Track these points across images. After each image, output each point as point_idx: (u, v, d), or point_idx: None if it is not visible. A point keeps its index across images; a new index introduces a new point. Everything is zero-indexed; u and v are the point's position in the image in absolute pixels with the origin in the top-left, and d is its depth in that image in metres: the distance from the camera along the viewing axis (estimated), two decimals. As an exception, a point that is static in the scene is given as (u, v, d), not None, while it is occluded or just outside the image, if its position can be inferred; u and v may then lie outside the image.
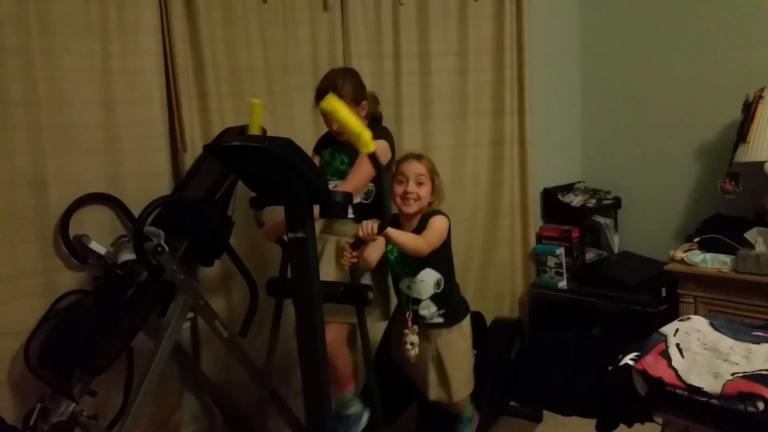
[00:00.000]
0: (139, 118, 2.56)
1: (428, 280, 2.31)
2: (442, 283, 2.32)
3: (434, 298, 2.32)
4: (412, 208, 2.24)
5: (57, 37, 2.37)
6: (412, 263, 2.30)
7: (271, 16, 2.84)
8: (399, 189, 2.24)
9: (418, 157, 2.29)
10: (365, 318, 2.22)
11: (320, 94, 2.29)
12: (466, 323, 2.42)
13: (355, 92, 2.33)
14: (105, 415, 2.42)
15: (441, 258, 2.30)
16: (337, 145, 2.39)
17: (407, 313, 2.32)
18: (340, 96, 2.19)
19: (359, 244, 2.09)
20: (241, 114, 2.78)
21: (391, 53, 3.15)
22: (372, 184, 2.30)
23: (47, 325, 2.29)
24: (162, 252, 2.20)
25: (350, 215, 2.29)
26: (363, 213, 2.26)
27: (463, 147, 3.32)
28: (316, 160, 2.44)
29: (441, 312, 2.33)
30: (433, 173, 2.28)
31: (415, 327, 2.29)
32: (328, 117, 2.23)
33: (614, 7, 3.55)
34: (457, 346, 2.38)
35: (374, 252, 2.24)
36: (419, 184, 2.24)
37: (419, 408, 2.72)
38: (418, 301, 2.33)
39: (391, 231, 2.08)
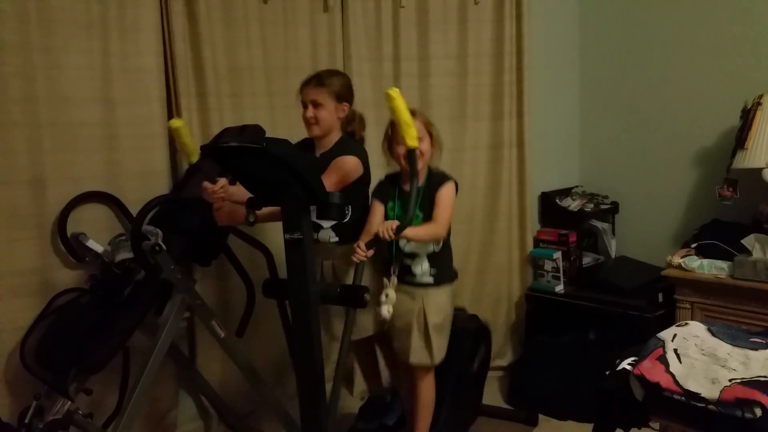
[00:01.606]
0: (138, 117, 2.57)
1: None
2: (441, 242, 2.35)
3: (430, 256, 2.34)
4: (418, 165, 2.21)
5: (57, 35, 2.37)
6: (417, 220, 2.29)
7: (271, 16, 2.85)
8: (401, 149, 2.23)
9: (413, 114, 2.22)
10: (353, 320, 2.22)
11: (306, 82, 2.34)
12: (453, 287, 2.43)
13: (340, 90, 2.34)
14: (100, 413, 2.42)
15: None
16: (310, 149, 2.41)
17: (392, 266, 2.31)
18: (324, 86, 2.29)
19: (373, 243, 2.15)
20: (241, 114, 2.79)
21: (390, 55, 3.16)
22: (348, 207, 2.29)
23: (44, 323, 2.29)
24: (159, 251, 2.20)
25: (333, 239, 2.33)
26: (342, 232, 2.32)
27: (462, 150, 3.32)
28: None
29: (433, 272, 2.35)
30: (428, 126, 2.33)
31: (395, 279, 2.29)
32: (306, 104, 2.30)
33: (613, 12, 3.56)
34: (441, 308, 2.38)
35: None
36: (419, 139, 2.21)
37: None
38: (412, 256, 2.33)
39: (408, 230, 2.13)
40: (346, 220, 2.30)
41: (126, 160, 2.55)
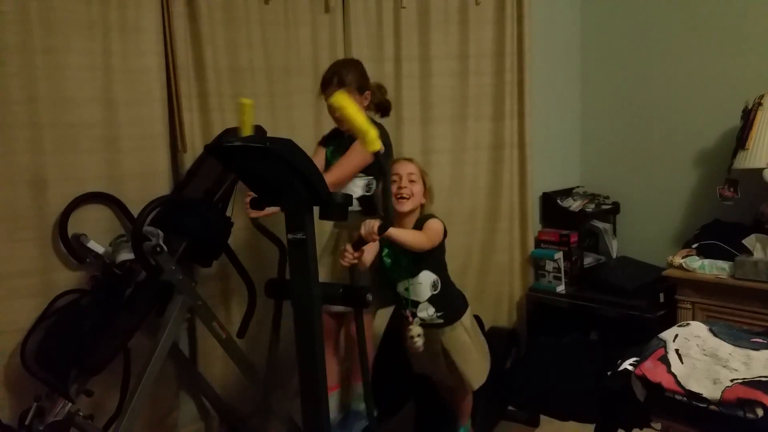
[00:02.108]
0: (139, 118, 2.56)
1: (425, 282, 2.33)
2: (439, 285, 2.35)
3: (432, 300, 2.34)
4: (406, 206, 2.30)
5: (58, 35, 2.37)
6: (409, 266, 2.33)
7: (272, 17, 2.84)
8: (393, 188, 2.29)
9: (409, 159, 2.41)
10: (363, 320, 2.22)
11: (325, 83, 2.37)
12: (466, 317, 2.43)
13: (360, 82, 2.38)
14: (101, 415, 2.42)
15: (437, 260, 2.35)
16: (338, 140, 2.41)
17: (407, 311, 2.35)
18: (345, 85, 2.30)
19: (361, 244, 2.10)
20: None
21: (392, 56, 3.16)
22: (372, 177, 2.37)
23: (44, 324, 2.29)
24: (160, 252, 2.20)
25: (356, 208, 2.32)
26: (367, 205, 2.33)
27: (463, 150, 3.32)
28: (321, 153, 2.48)
29: (440, 314, 2.35)
30: (423, 173, 2.38)
31: (417, 319, 2.33)
32: (333, 111, 2.28)
33: (614, 12, 3.56)
34: (461, 341, 2.40)
35: (368, 254, 2.27)
36: (411, 181, 2.31)
37: (416, 412, 2.71)
38: (416, 304, 2.34)
39: (392, 230, 2.10)
40: (370, 193, 2.34)
41: (127, 160, 2.55)
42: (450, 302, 2.39)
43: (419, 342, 2.31)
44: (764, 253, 2.62)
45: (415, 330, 2.31)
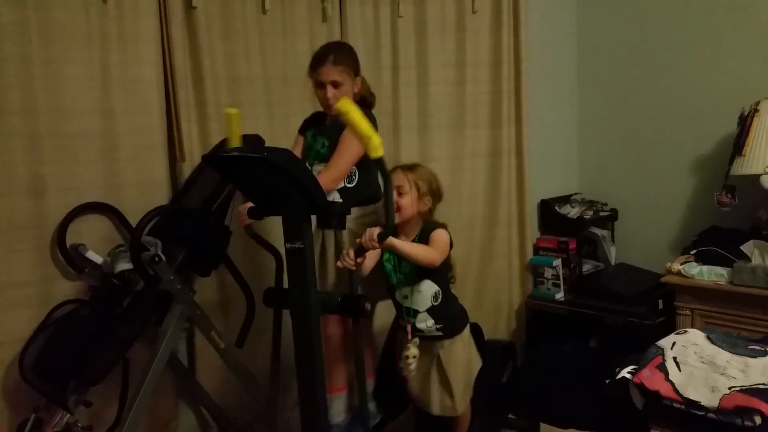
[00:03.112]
0: (137, 128, 2.57)
1: (426, 292, 2.31)
2: (440, 296, 2.32)
3: (431, 311, 2.32)
4: (395, 218, 2.20)
5: (57, 46, 2.38)
6: (411, 273, 2.30)
7: (270, 27, 2.86)
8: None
9: (404, 168, 2.32)
10: (361, 330, 2.22)
11: (319, 60, 2.35)
12: (466, 333, 2.41)
13: (354, 63, 2.39)
14: (100, 425, 2.41)
15: (439, 271, 2.31)
16: (318, 126, 2.41)
17: (407, 326, 2.32)
18: (341, 64, 2.30)
19: (362, 251, 2.09)
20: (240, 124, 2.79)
21: (389, 65, 3.17)
22: (354, 168, 2.33)
23: (43, 335, 2.28)
24: (159, 262, 2.20)
25: (338, 199, 2.31)
26: (348, 197, 2.30)
27: (461, 158, 3.32)
28: (300, 141, 2.48)
29: (439, 326, 2.33)
30: (418, 181, 2.29)
31: (416, 339, 2.29)
32: (324, 84, 2.30)
33: (611, 19, 3.57)
34: (459, 357, 2.37)
35: (368, 261, 2.26)
36: (399, 194, 2.26)
37: (416, 420, 2.71)
38: (415, 313, 2.32)
39: (396, 241, 2.10)
40: (352, 185, 2.32)
41: (125, 170, 2.55)
42: (450, 315, 2.36)
43: (413, 365, 2.27)
44: (762, 259, 2.62)
45: (412, 351, 2.27)
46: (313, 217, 2.02)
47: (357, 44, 3.05)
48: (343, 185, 2.33)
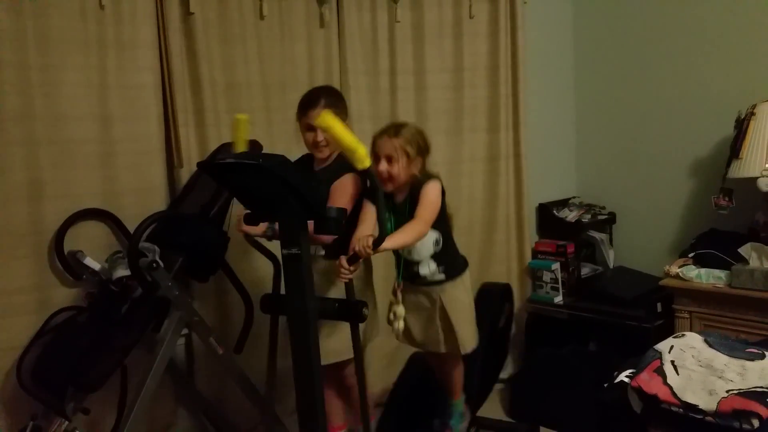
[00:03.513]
0: (135, 134, 2.57)
1: (427, 240, 2.26)
2: (441, 241, 2.30)
3: (434, 256, 2.30)
4: (389, 187, 2.20)
5: (54, 52, 2.38)
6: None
7: (268, 32, 2.86)
8: (374, 166, 2.13)
9: (389, 133, 2.21)
10: (359, 336, 2.21)
11: (307, 103, 2.30)
12: (466, 276, 2.40)
13: (344, 110, 2.32)
14: (98, 432, 2.41)
15: (437, 219, 2.24)
16: (308, 169, 2.39)
17: (397, 282, 2.30)
18: (331, 107, 2.20)
19: (355, 259, 2.06)
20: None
21: (387, 69, 3.17)
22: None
23: (41, 342, 2.28)
24: (157, 268, 2.20)
25: (320, 252, 2.31)
26: (331, 248, 2.25)
27: (459, 162, 3.33)
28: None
29: (441, 268, 2.31)
30: (406, 146, 2.19)
31: (400, 296, 2.28)
32: (313, 127, 2.24)
33: (608, 24, 3.58)
34: (461, 300, 2.35)
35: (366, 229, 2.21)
36: (389, 162, 2.18)
37: (411, 402, 2.71)
38: (417, 262, 2.30)
39: (389, 243, 2.05)
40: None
41: (123, 176, 2.55)
42: (452, 259, 2.35)
43: (396, 323, 2.25)
44: (760, 262, 2.62)
45: (397, 309, 2.26)
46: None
47: (354, 50, 3.07)
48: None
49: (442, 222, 2.31)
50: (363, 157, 1.81)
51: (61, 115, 2.41)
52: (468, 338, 2.36)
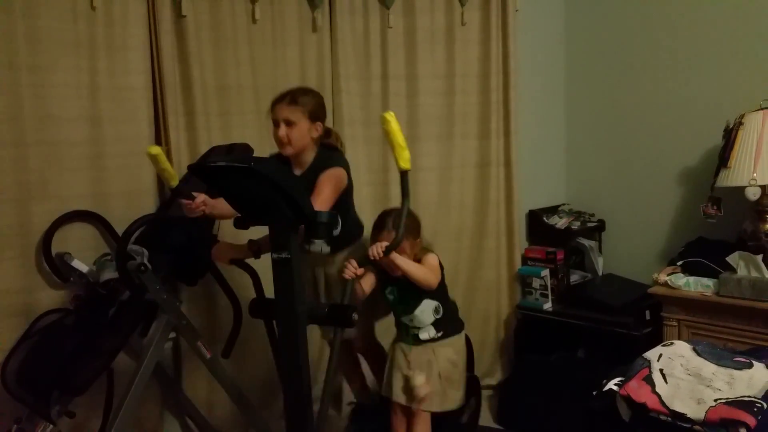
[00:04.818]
0: (125, 136, 2.56)
1: (427, 309, 2.39)
2: (441, 309, 2.41)
3: (434, 323, 2.41)
4: (396, 273, 2.30)
5: (45, 54, 2.37)
6: (411, 300, 2.38)
7: (260, 36, 2.86)
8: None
9: (387, 228, 2.30)
10: (340, 339, 2.20)
11: (276, 99, 2.30)
12: (458, 339, 2.48)
13: (314, 108, 2.31)
14: (83, 437, 2.38)
15: (436, 289, 2.39)
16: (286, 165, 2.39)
17: (407, 349, 2.40)
18: (297, 104, 2.25)
19: (366, 262, 2.18)
20: (229, 133, 2.79)
21: (379, 74, 3.18)
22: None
23: (26, 344, 2.26)
24: (145, 271, 2.18)
25: (325, 250, 2.30)
26: (336, 245, 2.24)
27: (450, 168, 3.34)
28: None
29: (439, 333, 2.42)
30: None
31: (415, 367, 2.37)
32: (278, 122, 2.26)
33: (598, 32, 3.60)
34: (450, 357, 2.43)
35: (366, 284, 2.33)
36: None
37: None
38: (418, 328, 2.41)
39: (398, 257, 2.20)
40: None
41: (112, 178, 2.54)
42: (449, 322, 2.46)
43: (422, 392, 2.33)
44: (748, 271, 2.63)
45: (419, 379, 2.34)
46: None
47: (347, 54, 3.07)
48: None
49: (442, 292, 2.44)
50: (408, 159, 2.01)
51: (51, 117, 2.40)
52: (448, 396, 2.43)
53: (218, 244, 2.41)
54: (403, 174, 2.04)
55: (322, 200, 2.15)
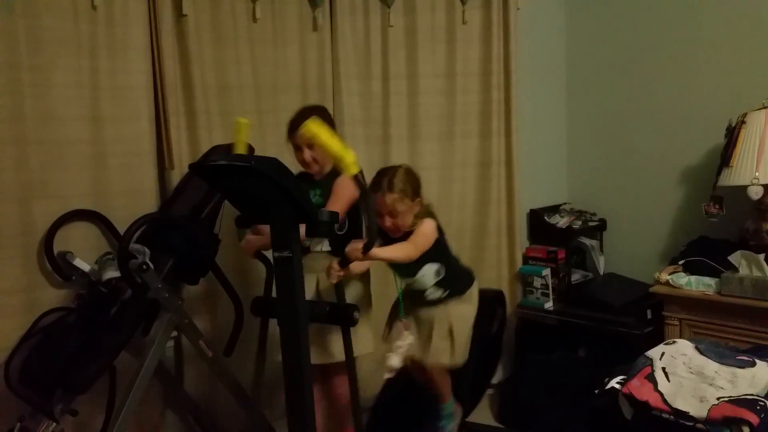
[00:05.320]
0: (126, 135, 2.56)
1: (428, 273, 2.39)
2: (443, 271, 2.40)
3: (438, 283, 2.40)
4: (398, 234, 2.33)
5: (46, 53, 2.37)
6: (412, 264, 2.36)
7: (260, 35, 2.86)
8: (380, 221, 2.28)
9: (383, 190, 2.28)
10: (351, 340, 2.21)
11: (294, 124, 2.32)
12: (473, 293, 2.50)
13: (332, 127, 2.31)
14: (85, 435, 2.39)
15: (436, 253, 2.38)
16: (309, 181, 2.40)
17: (399, 322, 2.39)
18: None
19: (347, 262, 2.14)
20: (230, 132, 2.78)
21: (379, 74, 3.18)
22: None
23: (29, 343, 2.25)
24: (147, 270, 2.18)
25: (326, 248, 2.32)
26: (338, 244, 2.28)
27: (451, 168, 3.33)
28: None
29: (446, 293, 2.43)
30: (403, 197, 2.29)
31: (407, 334, 2.36)
32: (301, 147, 2.29)
33: (600, 31, 3.60)
34: (464, 314, 2.46)
35: (357, 266, 2.29)
36: (393, 217, 2.30)
37: (400, 406, 2.71)
38: (423, 290, 2.41)
39: (376, 250, 2.14)
40: (342, 233, 2.31)
41: (114, 178, 2.54)
42: (455, 280, 2.45)
43: (396, 359, 2.31)
44: (749, 270, 2.64)
45: (401, 344, 2.33)
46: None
47: (347, 53, 3.07)
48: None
49: (443, 254, 2.43)
50: (350, 164, 1.84)
51: (52, 116, 2.39)
52: (463, 351, 2.45)
53: (248, 237, 2.40)
54: (354, 178, 1.91)
55: (338, 205, 2.20)
